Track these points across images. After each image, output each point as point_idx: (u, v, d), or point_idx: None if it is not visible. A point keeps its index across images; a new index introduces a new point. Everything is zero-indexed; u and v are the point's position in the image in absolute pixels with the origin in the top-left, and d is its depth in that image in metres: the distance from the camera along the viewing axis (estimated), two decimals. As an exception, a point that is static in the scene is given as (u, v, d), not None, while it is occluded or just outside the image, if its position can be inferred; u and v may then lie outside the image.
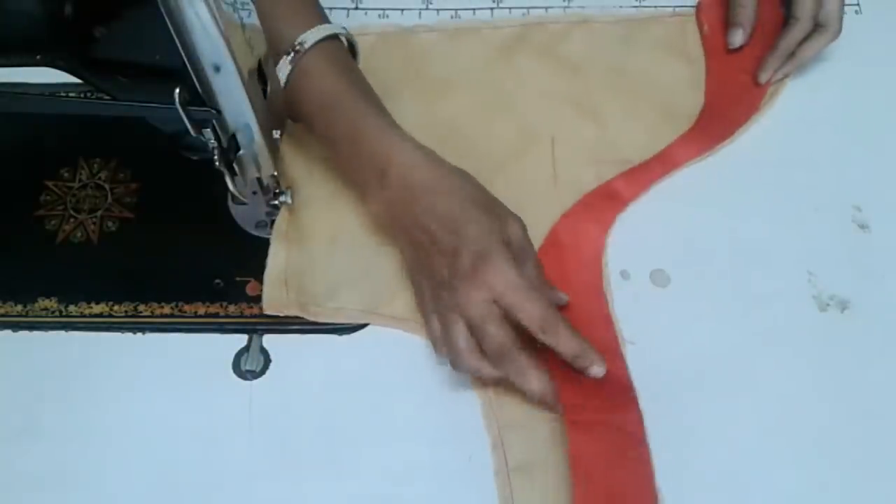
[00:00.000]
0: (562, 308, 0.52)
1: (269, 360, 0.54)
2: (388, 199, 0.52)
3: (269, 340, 0.54)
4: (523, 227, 0.52)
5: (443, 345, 0.51)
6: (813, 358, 0.53)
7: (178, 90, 0.44)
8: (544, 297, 0.49)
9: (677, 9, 0.69)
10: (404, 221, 0.51)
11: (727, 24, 0.65)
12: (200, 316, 0.55)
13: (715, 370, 0.53)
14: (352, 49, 0.57)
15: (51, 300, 0.55)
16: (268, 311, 0.54)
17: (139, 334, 0.55)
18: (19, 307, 0.55)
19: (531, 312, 0.48)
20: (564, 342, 0.48)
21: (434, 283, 0.51)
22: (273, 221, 0.57)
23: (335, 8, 0.68)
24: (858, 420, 0.51)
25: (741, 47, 0.64)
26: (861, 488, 0.49)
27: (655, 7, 0.69)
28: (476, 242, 0.49)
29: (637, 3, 0.69)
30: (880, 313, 0.55)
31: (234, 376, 0.53)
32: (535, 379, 0.48)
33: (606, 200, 0.59)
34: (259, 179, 0.53)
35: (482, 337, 0.48)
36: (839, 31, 0.62)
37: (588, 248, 0.57)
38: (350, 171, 0.55)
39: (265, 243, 0.57)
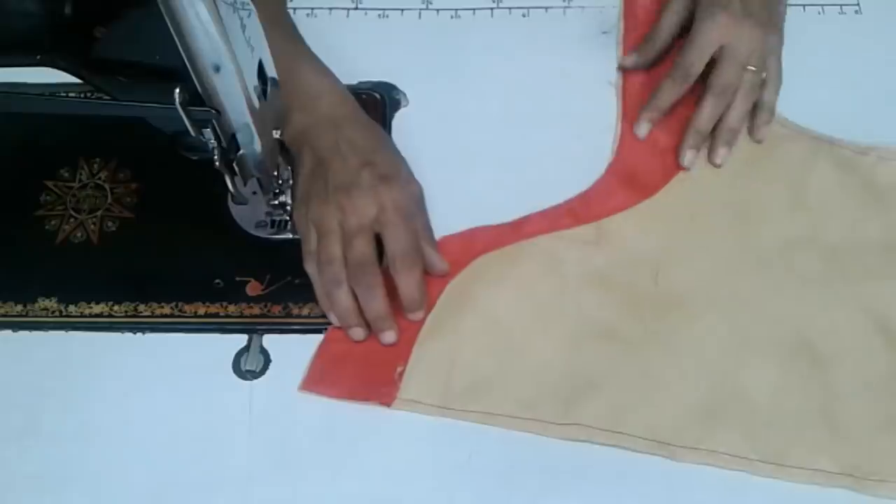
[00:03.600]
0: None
1: (269, 360, 0.54)
2: (309, 125, 0.56)
3: (269, 340, 0.54)
4: (422, 191, 0.57)
5: (312, 253, 0.54)
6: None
7: (178, 90, 0.44)
8: (415, 234, 0.54)
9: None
10: (319, 143, 0.56)
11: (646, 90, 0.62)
12: (200, 316, 0.55)
13: (715, 370, 0.53)
14: None
15: (51, 300, 0.55)
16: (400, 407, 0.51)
17: (139, 334, 0.55)
18: (19, 307, 0.55)
19: (400, 240, 0.53)
20: (409, 284, 0.53)
21: (326, 191, 0.54)
22: (273, 221, 0.58)
23: (335, 8, 0.68)
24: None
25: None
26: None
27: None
28: (383, 166, 0.55)
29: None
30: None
31: (234, 376, 0.53)
32: (380, 298, 0.52)
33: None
34: (259, 179, 0.53)
35: (349, 246, 0.52)
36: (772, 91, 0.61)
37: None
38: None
39: (265, 243, 0.57)
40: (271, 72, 0.49)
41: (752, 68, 0.58)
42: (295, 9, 0.68)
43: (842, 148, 0.60)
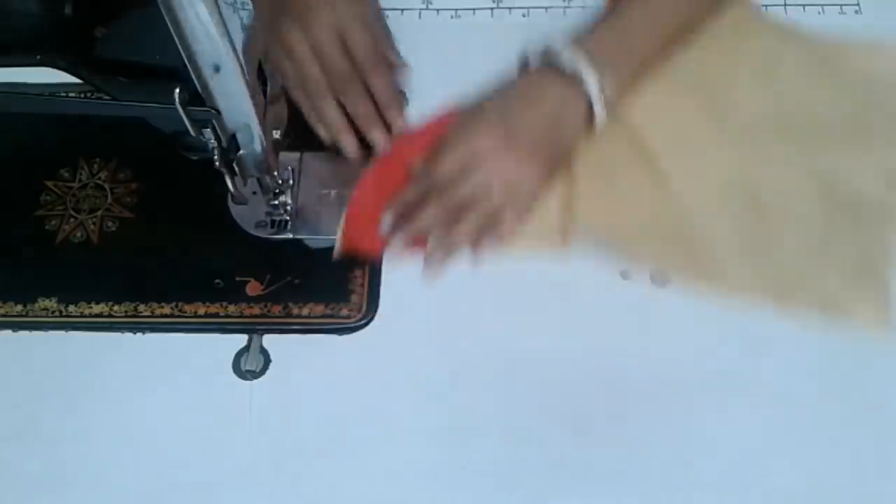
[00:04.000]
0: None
1: (269, 360, 0.54)
2: None
3: (269, 340, 0.54)
4: (380, 8, 0.60)
5: (292, 77, 0.55)
6: (813, 358, 0.53)
7: (178, 90, 0.44)
8: (378, 40, 0.57)
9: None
10: None
11: None
12: (200, 316, 0.55)
13: (715, 370, 0.53)
14: None
15: (51, 300, 0.55)
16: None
17: (139, 334, 0.55)
18: (19, 307, 0.55)
19: (365, 43, 0.55)
20: (383, 83, 0.56)
21: (284, 12, 0.54)
22: (273, 221, 0.58)
23: (335, 8, 0.68)
24: (858, 420, 0.51)
25: None
26: (861, 488, 0.49)
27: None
28: None
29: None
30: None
31: (234, 376, 0.53)
32: (367, 100, 0.55)
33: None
34: (259, 179, 0.54)
35: (323, 58, 0.55)
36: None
37: None
38: None
39: (265, 243, 0.57)
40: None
41: (494, 192, 0.53)
42: (295, 9, 0.68)
43: (812, 39, 0.64)
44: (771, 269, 0.55)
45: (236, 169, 0.50)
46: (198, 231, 0.58)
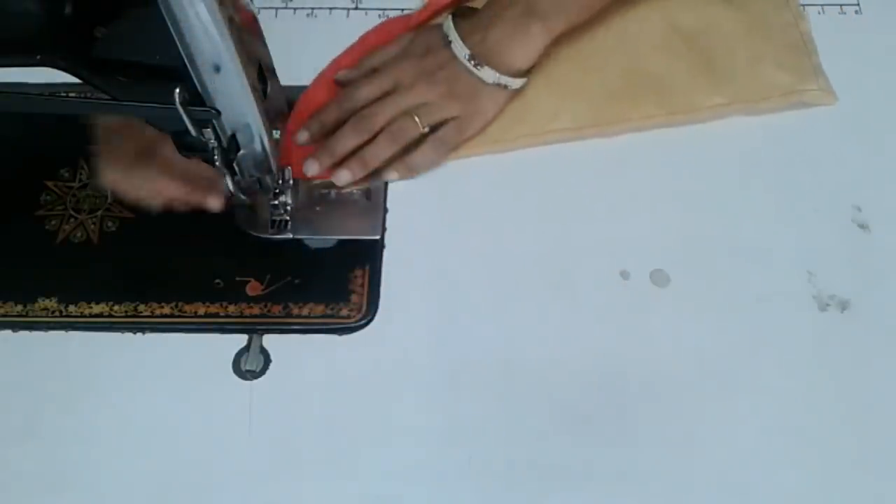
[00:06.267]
0: None
1: (269, 360, 0.54)
2: None
3: (269, 340, 0.54)
4: None
5: None
6: (813, 358, 0.53)
7: (178, 90, 0.44)
8: None
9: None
10: None
11: None
12: (200, 316, 0.55)
13: (715, 370, 0.53)
14: None
15: (51, 300, 0.55)
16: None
17: (139, 334, 0.55)
18: (19, 307, 0.55)
19: None
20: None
21: None
22: (273, 221, 0.58)
23: (335, 8, 0.68)
24: (858, 420, 0.51)
25: None
26: (861, 488, 0.49)
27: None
28: None
29: None
30: (880, 313, 0.55)
31: (234, 376, 0.53)
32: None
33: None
34: (259, 179, 0.54)
35: None
36: None
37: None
38: None
39: (265, 243, 0.57)
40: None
41: (416, 119, 0.58)
42: (295, 9, 0.68)
43: None
44: (720, 76, 0.62)
45: (236, 169, 0.50)
46: (198, 231, 0.58)
